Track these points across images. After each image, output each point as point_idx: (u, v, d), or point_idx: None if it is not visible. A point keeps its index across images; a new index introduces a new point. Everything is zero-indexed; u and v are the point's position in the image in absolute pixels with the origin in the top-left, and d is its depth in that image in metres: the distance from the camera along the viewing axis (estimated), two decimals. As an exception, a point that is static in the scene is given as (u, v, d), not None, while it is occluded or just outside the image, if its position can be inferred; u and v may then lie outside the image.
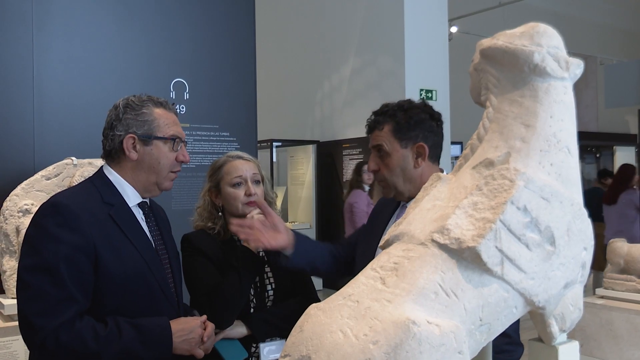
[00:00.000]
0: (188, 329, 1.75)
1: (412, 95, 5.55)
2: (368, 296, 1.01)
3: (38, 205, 2.82)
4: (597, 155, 12.55)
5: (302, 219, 7.49)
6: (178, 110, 3.31)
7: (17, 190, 2.89)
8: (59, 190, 2.76)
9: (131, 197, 1.80)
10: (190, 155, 1.91)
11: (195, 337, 1.76)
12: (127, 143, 1.77)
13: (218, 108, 3.83)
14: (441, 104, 5.83)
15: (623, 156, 11.91)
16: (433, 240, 1.06)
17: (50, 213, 1.64)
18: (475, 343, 1.03)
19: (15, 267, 2.83)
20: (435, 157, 1.94)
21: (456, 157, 8.10)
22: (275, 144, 7.64)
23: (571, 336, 1.24)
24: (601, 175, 8.65)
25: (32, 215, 1.64)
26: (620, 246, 3.31)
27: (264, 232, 1.95)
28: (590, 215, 1.17)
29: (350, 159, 6.69)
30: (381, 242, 1.20)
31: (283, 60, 7.77)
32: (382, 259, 1.10)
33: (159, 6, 3.66)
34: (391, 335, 0.92)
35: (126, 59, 3.52)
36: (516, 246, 1.04)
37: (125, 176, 1.80)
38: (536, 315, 1.15)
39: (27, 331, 1.59)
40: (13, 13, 3.18)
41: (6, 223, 2.85)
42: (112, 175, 1.80)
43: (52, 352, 1.56)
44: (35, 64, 3.23)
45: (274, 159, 7.78)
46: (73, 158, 3.01)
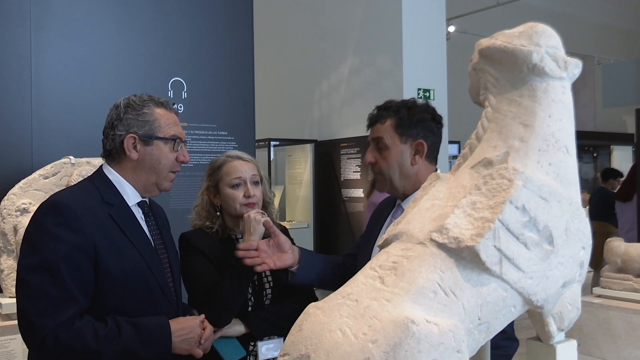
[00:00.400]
0: (187, 329, 1.75)
1: (410, 94, 5.55)
2: (367, 295, 1.02)
3: (36, 204, 2.84)
4: (595, 154, 12.57)
5: (300, 218, 7.47)
6: (176, 109, 3.30)
7: (15, 189, 2.89)
8: (57, 189, 2.75)
9: (131, 197, 1.80)
10: (188, 154, 1.91)
11: (194, 337, 1.76)
12: (128, 143, 1.77)
13: (216, 107, 3.83)
14: (439, 104, 5.82)
15: (620, 156, 11.93)
16: (432, 239, 1.06)
17: (50, 212, 1.64)
18: (474, 342, 1.04)
19: (12, 266, 2.83)
20: (432, 158, 1.96)
21: (454, 157, 8.10)
22: (273, 143, 7.61)
23: (569, 335, 1.24)
24: (606, 175, 8.23)
25: (30, 214, 1.63)
26: (617, 245, 3.31)
27: (270, 254, 1.96)
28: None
29: (348, 158, 6.68)
30: (380, 242, 1.20)
31: (281, 59, 7.76)
32: (381, 258, 1.10)
33: (157, 5, 3.65)
34: (390, 334, 0.92)
35: (124, 58, 3.51)
36: (515, 245, 1.04)
37: (125, 176, 1.79)
38: (534, 314, 1.15)
39: (27, 330, 1.59)
40: (12, 12, 3.18)
41: (4, 222, 2.84)
42: (112, 174, 1.79)
43: (52, 352, 1.56)
44: (33, 63, 3.22)
45: (272, 158, 7.77)
46: (71, 157, 3.00)
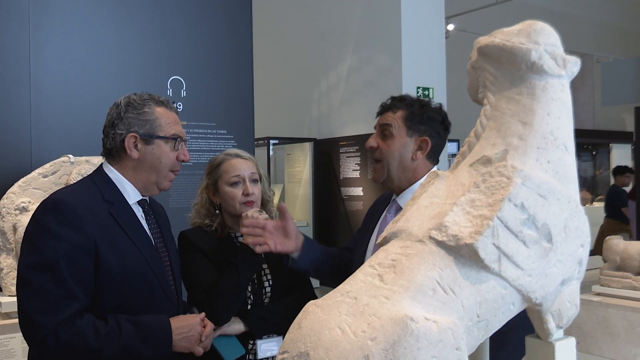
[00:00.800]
0: (188, 327, 1.75)
1: (409, 93, 5.55)
2: (366, 293, 1.02)
3: (35, 202, 2.84)
4: (594, 152, 12.58)
5: (299, 217, 7.47)
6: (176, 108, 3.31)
7: (14, 187, 2.89)
8: (56, 187, 2.75)
9: (131, 195, 1.80)
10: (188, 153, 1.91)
11: (194, 335, 1.77)
12: (129, 142, 1.77)
13: (215, 106, 3.83)
14: (438, 102, 5.83)
15: (619, 154, 11.92)
16: (431, 237, 1.06)
17: (50, 210, 1.64)
18: (472, 339, 1.04)
19: (12, 265, 2.83)
20: (433, 158, 1.98)
21: (453, 155, 8.10)
22: (272, 142, 7.61)
23: (567, 333, 1.24)
24: (616, 172, 8.14)
25: (29, 212, 1.63)
26: (616, 243, 3.32)
27: (274, 236, 1.97)
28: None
29: (347, 157, 6.67)
30: (379, 239, 1.20)
31: (280, 58, 7.75)
32: (380, 256, 1.10)
33: (156, 4, 3.65)
34: (389, 331, 0.92)
35: (123, 57, 3.51)
36: (513, 243, 1.05)
37: (125, 174, 1.79)
38: (533, 311, 1.15)
39: (27, 329, 1.59)
40: (10, 11, 3.17)
41: (3, 221, 2.84)
42: (113, 173, 1.79)
43: (52, 350, 1.56)
44: (32, 62, 3.22)
45: (271, 157, 7.76)
46: (70, 156, 3.00)
